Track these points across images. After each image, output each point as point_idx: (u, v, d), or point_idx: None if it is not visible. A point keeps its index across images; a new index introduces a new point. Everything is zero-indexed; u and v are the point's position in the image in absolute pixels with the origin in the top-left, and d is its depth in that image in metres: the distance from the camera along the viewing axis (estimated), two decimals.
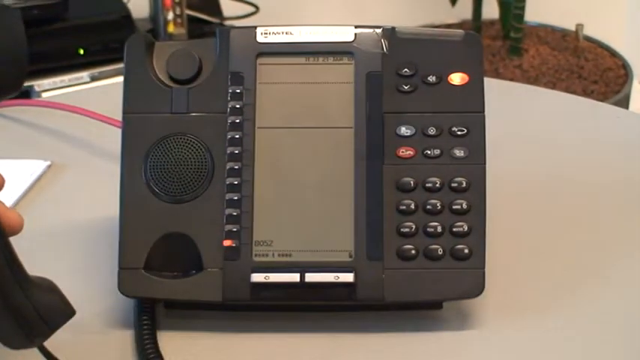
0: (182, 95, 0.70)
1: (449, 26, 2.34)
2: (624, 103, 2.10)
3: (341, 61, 0.71)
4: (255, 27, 0.72)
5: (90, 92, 1.38)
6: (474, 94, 0.70)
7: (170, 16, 1.98)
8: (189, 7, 2.03)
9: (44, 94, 1.81)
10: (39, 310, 0.58)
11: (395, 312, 0.70)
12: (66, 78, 1.85)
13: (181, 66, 0.71)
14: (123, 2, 1.96)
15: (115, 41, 1.84)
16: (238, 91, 0.70)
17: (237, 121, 0.70)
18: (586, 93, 2.09)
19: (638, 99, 2.27)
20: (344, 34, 0.71)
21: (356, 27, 0.71)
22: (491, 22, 2.30)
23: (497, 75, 2.14)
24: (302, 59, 0.71)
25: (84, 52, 1.87)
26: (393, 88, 0.70)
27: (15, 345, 0.60)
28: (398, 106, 0.70)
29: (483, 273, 0.68)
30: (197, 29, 2.04)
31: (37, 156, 0.93)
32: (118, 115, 0.71)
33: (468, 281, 0.68)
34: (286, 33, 0.71)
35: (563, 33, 2.33)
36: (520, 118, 1.01)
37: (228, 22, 2.14)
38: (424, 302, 0.70)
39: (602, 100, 2.05)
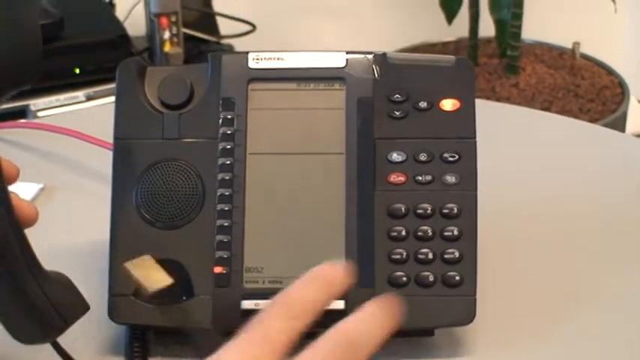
0: (173, 121, 0.70)
1: (445, 44, 2.35)
2: (621, 121, 2.10)
3: (332, 87, 0.71)
4: (247, 52, 0.72)
5: (82, 113, 1.38)
6: (465, 120, 0.70)
7: (166, 35, 1.97)
8: (186, 25, 2.03)
9: (40, 114, 1.80)
10: (54, 303, 0.58)
11: (386, 339, 0.70)
12: (62, 97, 1.84)
13: (173, 91, 0.71)
14: (119, 21, 1.96)
15: (112, 60, 1.83)
16: (230, 116, 0.70)
17: (229, 147, 0.69)
18: (582, 112, 2.09)
19: (635, 118, 2.27)
20: (335, 60, 0.71)
21: (347, 52, 0.71)
22: (488, 40, 2.30)
23: (493, 94, 2.14)
24: (293, 85, 0.71)
25: (80, 71, 1.86)
26: (384, 113, 0.70)
27: (28, 340, 0.59)
28: (389, 132, 0.70)
29: (474, 300, 0.67)
30: (194, 48, 2.05)
31: (29, 179, 0.93)
32: (112, 137, 0.71)
33: (459, 308, 0.67)
34: (278, 59, 0.71)
35: (560, 51, 2.33)
36: (515, 142, 1.01)
37: (225, 41, 2.14)
38: (415, 329, 0.69)
39: (598, 119, 2.05)
